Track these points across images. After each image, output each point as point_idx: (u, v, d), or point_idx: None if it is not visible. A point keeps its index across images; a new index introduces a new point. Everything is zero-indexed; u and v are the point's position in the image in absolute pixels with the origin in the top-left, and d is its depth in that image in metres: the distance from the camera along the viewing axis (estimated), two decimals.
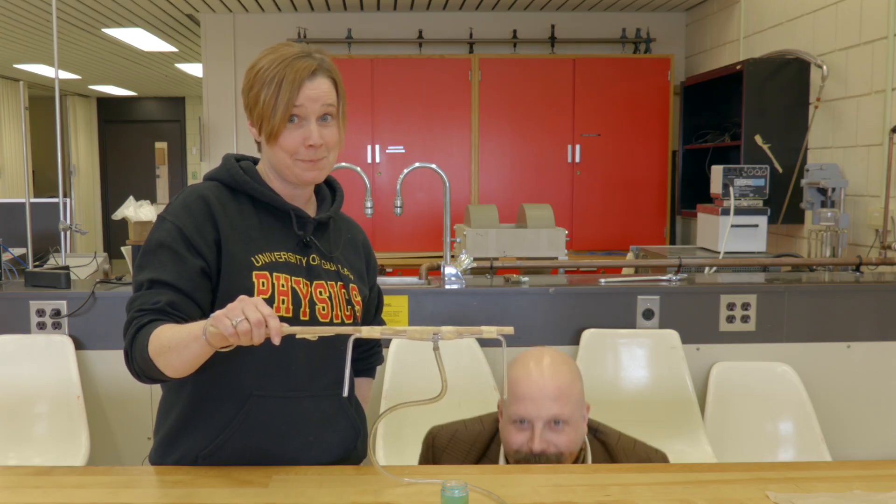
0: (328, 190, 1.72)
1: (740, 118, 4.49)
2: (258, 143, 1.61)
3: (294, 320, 1.51)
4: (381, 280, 1.91)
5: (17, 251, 3.40)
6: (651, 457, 1.78)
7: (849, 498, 1.42)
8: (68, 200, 3.55)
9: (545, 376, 1.67)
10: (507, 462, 1.74)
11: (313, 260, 1.59)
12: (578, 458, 1.73)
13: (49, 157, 8.91)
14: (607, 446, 1.77)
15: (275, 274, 1.52)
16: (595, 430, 1.80)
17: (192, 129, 12.47)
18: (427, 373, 2.17)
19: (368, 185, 3.04)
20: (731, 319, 2.84)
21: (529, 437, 1.65)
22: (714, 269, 3.41)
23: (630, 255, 4.32)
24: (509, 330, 1.35)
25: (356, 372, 1.80)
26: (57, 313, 2.77)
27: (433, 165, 3.05)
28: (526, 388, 1.66)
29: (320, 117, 1.53)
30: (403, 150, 5.72)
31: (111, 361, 2.79)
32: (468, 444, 1.79)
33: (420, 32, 6.09)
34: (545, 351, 1.74)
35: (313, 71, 1.51)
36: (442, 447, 1.80)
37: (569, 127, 5.73)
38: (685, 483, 1.50)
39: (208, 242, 1.50)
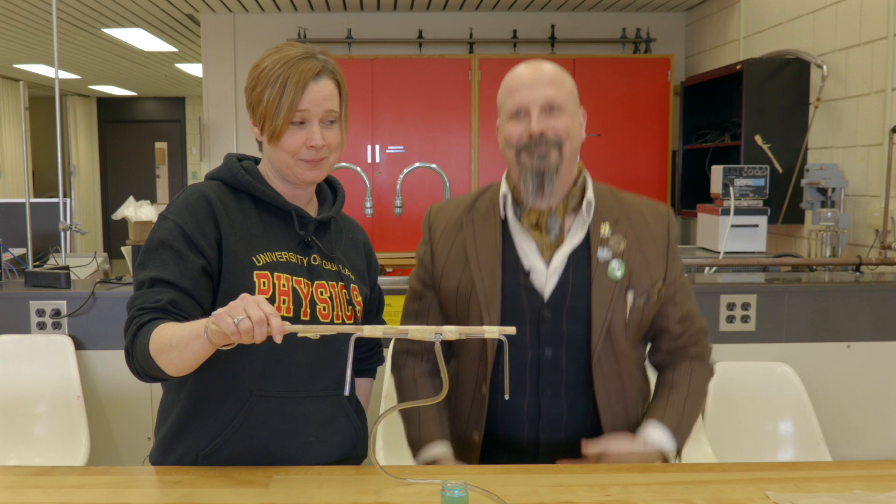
0: (329, 190, 1.72)
1: (740, 118, 4.49)
2: (259, 143, 1.61)
3: (295, 320, 1.51)
4: (381, 280, 1.91)
5: (17, 251, 3.40)
6: (657, 205, 1.77)
7: (849, 498, 1.42)
8: (68, 200, 3.54)
9: (538, 67, 1.67)
10: (509, 191, 1.71)
11: (314, 260, 1.59)
12: (578, 179, 1.70)
13: (49, 157, 8.91)
14: (612, 190, 1.76)
15: (276, 274, 1.52)
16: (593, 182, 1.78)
17: (192, 129, 12.48)
18: None
19: (368, 185, 3.04)
20: (731, 319, 2.84)
21: (527, 125, 1.63)
22: (714, 269, 3.41)
23: None
24: (511, 330, 1.35)
25: (356, 372, 1.80)
26: (57, 313, 2.77)
27: (433, 165, 3.05)
28: (519, 79, 1.66)
29: (323, 119, 1.53)
30: (403, 150, 5.72)
31: (111, 361, 2.79)
32: (459, 201, 1.81)
33: (420, 32, 6.09)
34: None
35: (318, 72, 1.52)
36: (436, 211, 1.82)
37: None
38: (685, 483, 1.50)
39: (210, 241, 1.50)
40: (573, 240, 1.68)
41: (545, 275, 1.66)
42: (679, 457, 1.71)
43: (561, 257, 1.67)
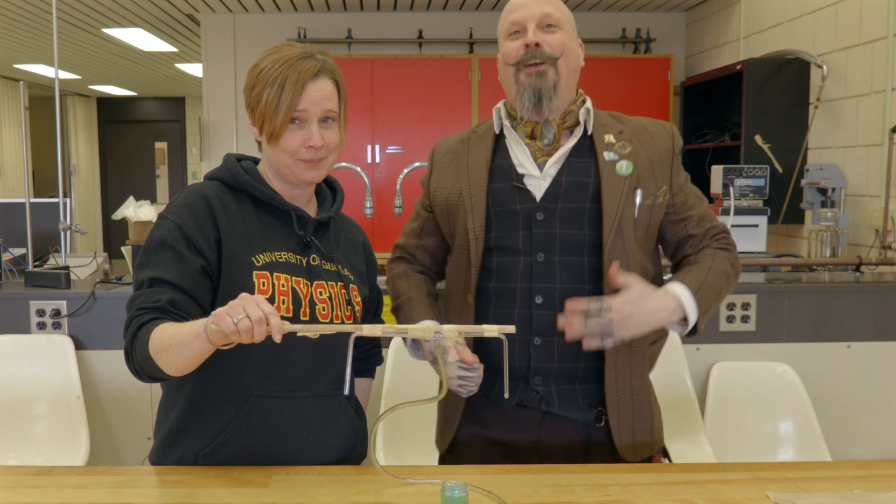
0: (328, 190, 1.72)
1: (740, 118, 4.49)
2: (258, 143, 1.61)
3: (294, 321, 1.51)
4: (381, 280, 1.91)
5: (17, 251, 3.40)
6: (660, 121, 1.77)
7: (849, 498, 1.42)
8: (68, 200, 3.54)
9: None
10: (504, 106, 1.76)
11: (314, 260, 1.59)
12: (576, 101, 1.71)
13: (49, 157, 8.92)
14: (612, 113, 1.77)
15: (275, 274, 1.52)
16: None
17: (192, 129, 12.48)
18: (427, 372, 2.17)
19: (368, 185, 3.04)
20: (731, 319, 2.84)
21: (524, 39, 1.66)
22: None
23: None
24: (511, 329, 1.34)
25: (356, 372, 1.80)
26: (57, 313, 2.77)
27: None
28: (517, 1, 1.70)
29: (322, 119, 1.54)
30: (403, 150, 5.72)
31: (111, 361, 2.79)
32: (462, 132, 1.86)
33: (420, 32, 6.10)
34: None
35: (316, 72, 1.52)
36: (440, 143, 1.87)
37: None
38: (685, 483, 1.50)
39: (209, 241, 1.50)
40: (567, 145, 1.69)
41: (538, 178, 1.67)
42: (698, 332, 1.65)
43: (554, 160, 1.67)
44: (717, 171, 3.90)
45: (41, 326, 2.77)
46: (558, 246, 1.64)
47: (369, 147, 5.69)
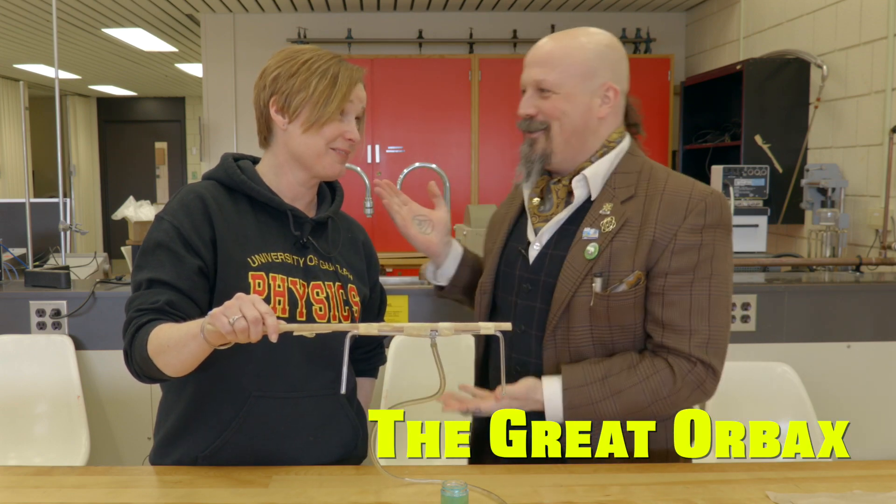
0: (328, 189, 1.72)
1: (740, 118, 4.49)
2: (263, 139, 1.60)
3: (290, 321, 1.51)
4: (382, 280, 1.90)
5: (17, 251, 3.40)
6: (694, 191, 1.52)
7: (849, 498, 1.42)
8: (68, 200, 3.54)
9: (544, 42, 1.59)
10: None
11: (310, 260, 1.59)
12: (595, 155, 1.59)
13: (49, 157, 8.91)
14: (653, 167, 1.58)
15: (271, 274, 1.52)
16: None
17: (192, 129, 12.48)
18: (427, 371, 2.17)
19: (368, 185, 3.04)
20: (731, 319, 2.84)
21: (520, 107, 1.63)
22: None
23: None
24: (507, 326, 1.34)
25: (359, 372, 1.80)
26: (57, 313, 2.77)
27: (433, 165, 3.06)
28: (528, 55, 1.62)
29: (358, 117, 1.59)
30: (403, 150, 5.72)
31: (111, 361, 2.79)
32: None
33: (420, 32, 6.10)
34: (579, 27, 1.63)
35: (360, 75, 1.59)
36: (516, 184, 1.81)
37: None
38: (685, 483, 1.50)
39: (205, 242, 1.50)
40: (563, 213, 1.59)
41: (534, 245, 1.63)
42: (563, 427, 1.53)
43: (548, 227, 1.60)
44: (717, 171, 3.90)
45: (41, 326, 2.77)
46: (536, 318, 1.59)
47: (369, 147, 5.69)
